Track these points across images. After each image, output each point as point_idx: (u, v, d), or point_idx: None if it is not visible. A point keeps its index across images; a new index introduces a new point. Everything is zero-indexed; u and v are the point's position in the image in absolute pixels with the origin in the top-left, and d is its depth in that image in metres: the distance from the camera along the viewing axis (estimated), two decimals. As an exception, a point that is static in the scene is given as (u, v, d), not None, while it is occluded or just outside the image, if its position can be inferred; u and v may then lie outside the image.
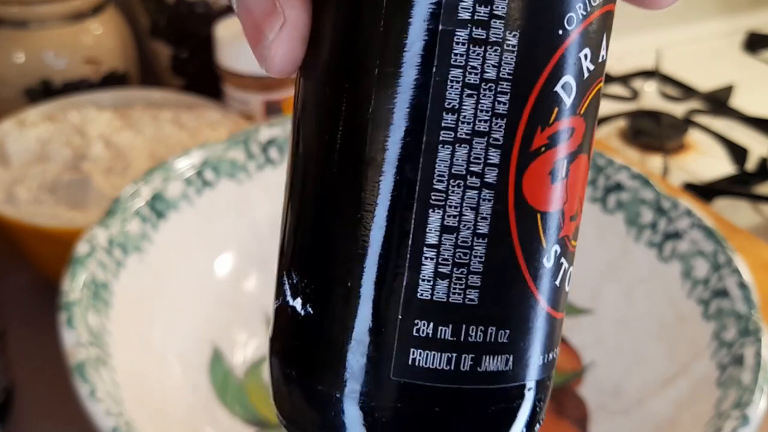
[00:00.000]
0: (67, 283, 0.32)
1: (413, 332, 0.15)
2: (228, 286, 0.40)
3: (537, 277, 0.15)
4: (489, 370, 0.15)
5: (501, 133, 0.14)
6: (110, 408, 0.27)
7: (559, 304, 0.16)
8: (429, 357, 0.15)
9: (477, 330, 0.15)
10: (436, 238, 0.14)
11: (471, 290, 0.15)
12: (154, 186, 0.37)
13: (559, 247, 0.15)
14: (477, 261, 0.14)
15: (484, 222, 0.14)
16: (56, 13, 0.50)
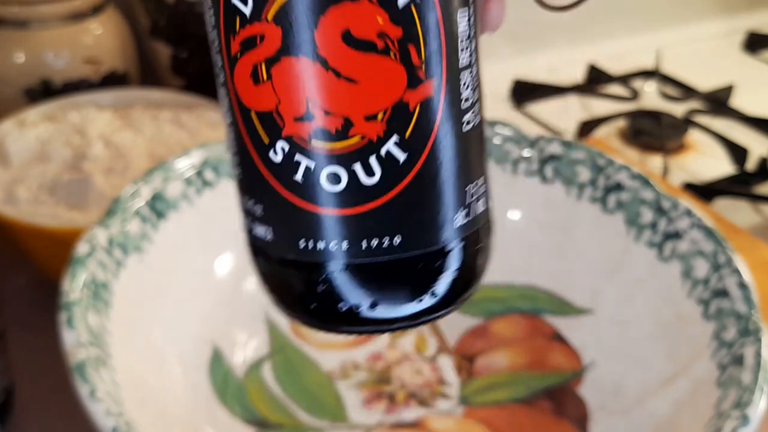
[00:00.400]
0: (67, 283, 0.32)
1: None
2: (228, 286, 0.40)
3: (270, 168, 0.16)
4: (258, 235, 0.18)
5: (217, 41, 0.16)
6: (110, 408, 0.27)
7: (311, 197, 0.16)
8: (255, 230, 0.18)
9: (247, 201, 0.18)
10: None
11: (236, 168, 0.18)
12: (154, 186, 0.37)
13: (287, 144, 0.16)
14: (234, 144, 0.17)
15: (229, 113, 0.17)
16: (56, 13, 0.50)
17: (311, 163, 0.16)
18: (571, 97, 0.74)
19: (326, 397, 0.38)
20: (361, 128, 0.15)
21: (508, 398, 0.38)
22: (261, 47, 0.15)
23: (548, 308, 0.42)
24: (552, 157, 0.42)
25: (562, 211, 0.42)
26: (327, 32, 0.15)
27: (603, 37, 0.83)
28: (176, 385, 0.35)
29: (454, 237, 0.17)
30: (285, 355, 0.40)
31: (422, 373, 0.40)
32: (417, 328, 0.42)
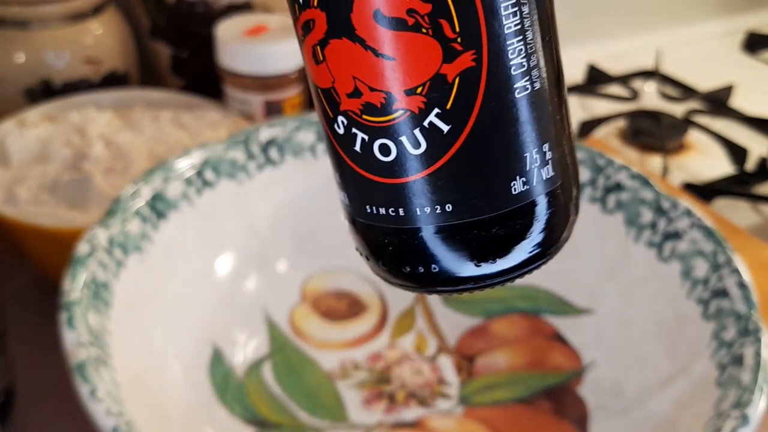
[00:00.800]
0: (67, 282, 0.32)
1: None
2: (228, 286, 0.40)
3: (337, 139, 0.18)
4: (341, 199, 0.19)
5: (294, 28, 0.18)
6: (111, 408, 0.27)
7: (368, 166, 0.17)
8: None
9: (333, 169, 0.19)
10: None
11: (324, 140, 0.19)
12: (154, 186, 0.37)
13: (346, 119, 0.17)
14: (318, 116, 0.19)
15: (312, 89, 0.18)
16: (56, 13, 0.50)
17: (365, 135, 0.17)
18: (570, 97, 0.75)
19: (326, 397, 0.38)
20: (403, 102, 0.16)
21: (508, 398, 0.38)
22: (314, 31, 0.17)
23: (548, 308, 0.42)
24: None
25: None
26: (361, 13, 0.16)
27: (603, 37, 0.83)
28: (176, 385, 0.35)
29: (511, 205, 0.17)
30: (285, 355, 0.40)
31: (422, 373, 0.40)
32: (417, 329, 0.42)
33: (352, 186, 0.18)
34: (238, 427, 0.36)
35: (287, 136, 0.42)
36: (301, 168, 0.43)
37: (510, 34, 0.16)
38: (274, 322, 0.41)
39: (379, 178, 0.17)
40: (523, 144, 0.17)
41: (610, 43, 0.83)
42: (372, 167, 0.17)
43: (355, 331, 0.42)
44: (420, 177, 0.17)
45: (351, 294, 0.43)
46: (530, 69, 0.17)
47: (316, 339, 0.41)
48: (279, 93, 0.50)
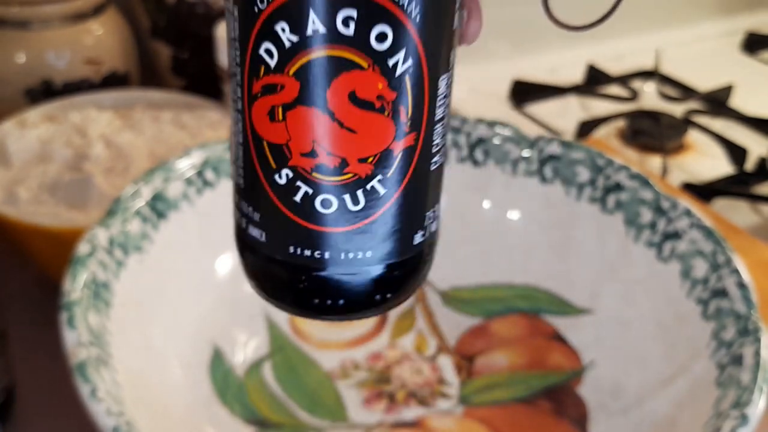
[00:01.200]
0: (68, 282, 0.32)
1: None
2: (228, 286, 0.40)
3: (273, 188, 0.20)
4: (251, 235, 0.21)
5: (240, 77, 0.19)
6: (111, 407, 0.27)
7: (305, 215, 0.20)
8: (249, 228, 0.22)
9: (246, 206, 0.21)
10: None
11: (239, 178, 0.21)
12: (154, 186, 0.37)
13: (292, 172, 0.19)
14: (241, 159, 0.20)
15: (241, 135, 0.20)
16: (57, 13, 0.50)
17: (310, 189, 0.19)
18: (570, 98, 0.74)
19: (326, 397, 0.38)
20: (354, 167, 0.19)
21: (508, 398, 0.38)
22: (280, 94, 0.19)
23: (548, 308, 0.42)
24: (551, 157, 0.42)
25: (562, 211, 0.42)
26: (337, 91, 0.18)
27: (602, 37, 0.83)
28: (177, 385, 0.35)
29: (413, 252, 0.21)
30: (285, 354, 0.40)
31: (422, 372, 0.40)
32: (417, 329, 0.42)
33: (278, 229, 0.20)
34: (239, 426, 0.36)
35: None
36: None
37: (438, 122, 0.20)
38: (274, 322, 0.41)
39: (313, 226, 0.20)
40: (427, 205, 0.21)
41: (610, 44, 0.83)
42: (308, 216, 0.20)
43: (355, 331, 0.42)
44: (351, 228, 0.20)
45: None
46: (441, 147, 0.21)
47: (316, 339, 0.41)
48: (279, 93, 0.50)
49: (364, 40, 0.18)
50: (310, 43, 0.18)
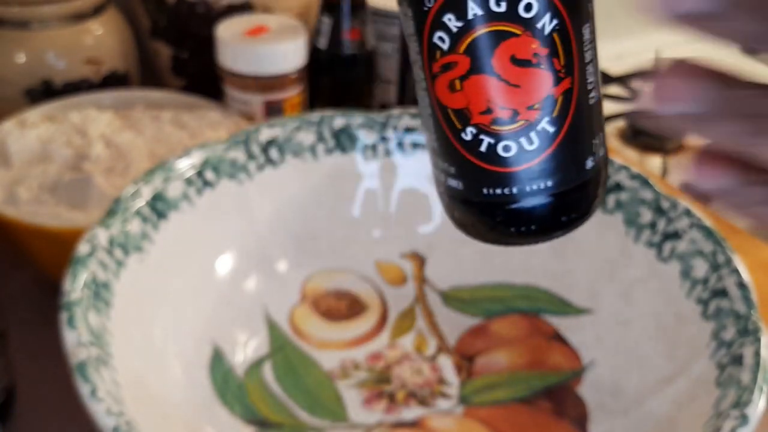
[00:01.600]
0: (68, 283, 0.32)
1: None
2: (228, 286, 0.40)
3: (462, 143, 0.24)
4: (451, 185, 0.25)
5: (419, 63, 0.24)
6: (111, 407, 0.27)
7: (491, 161, 0.23)
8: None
9: (443, 163, 0.25)
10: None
11: (434, 143, 0.25)
12: (154, 186, 0.37)
13: (475, 129, 0.23)
14: (432, 127, 0.25)
15: (429, 108, 0.24)
16: (57, 13, 0.50)
17: (492, 140, 0.23)
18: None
19: (326, 397, 0.38)
20: (524, 115, 0.23)
21: (508, 398, 0.38)
22: (455, 69, 0.23)
23: (548, 308, 0.42)
24: None
25: None
26: (500, 57, 0.22)
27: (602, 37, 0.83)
28: (177, 385, 0.35)
29: (587, 175, 0.24)
30: (285, 354, 0.40)
31: (422, 372, 0.40)
32: (417, 328, 0.42)
33: (471, 176, 0.24)
34: (239, 426, 0.36)
35: (287, 136, 0.42)
36: (301, 168, 0.43)
37: (588, 64, 0.24)
38: (274, 321, 0.41)
39: (499, 168, 0.24)
40: (592, 134, 0.25)
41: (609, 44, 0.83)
42: (494, 161, 0.24)
43: (355, 330, 0.42)
44: (531, 165, 0.24)
45: (351, 294, 0.43)
46: (595, 84, 0.25)
47: (316, 339, 0.41)
48: (279, 93, 0.50)
49: (515, 13, 0.22)
50: (473, 25, 0.22)
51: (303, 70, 0.51)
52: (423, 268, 0.44)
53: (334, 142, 0.43)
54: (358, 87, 0.54)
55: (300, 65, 0.51)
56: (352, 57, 0.52)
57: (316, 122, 0.43)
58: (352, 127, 0.43)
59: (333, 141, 0.43)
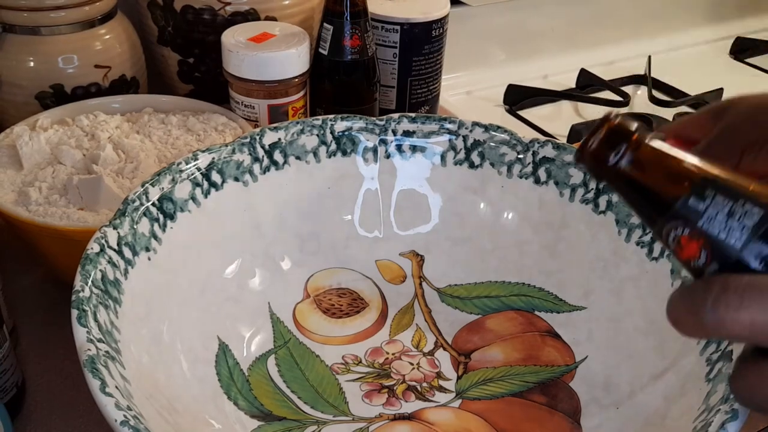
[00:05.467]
0: (78, 281, 0.32)
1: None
2: (233, 283, 0.41)
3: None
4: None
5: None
6: (120, 402, 0.28)
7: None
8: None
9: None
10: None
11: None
12: (162, 187, 0.38)
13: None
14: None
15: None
16: (67, 19, 0.51)
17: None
18: (563, 102, 0.76)
19: (328, 391, 0.39)
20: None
21: (503, 392, 0.39)
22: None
23: (542, 305, 0.43)
24: (545, 159, 0.43)
25: (555, 211, 0.43)
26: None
27: (595, 44, 0.84)
28: (183, 380, 0.36)
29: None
30: (288, 350, 0.41)
31: (421, 367, 0.41)
32: (416, 325, 0.43)
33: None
34: (244, 420, 0.37)
35: (290, 139, 0.43)
36: (305, 170, 0.44)
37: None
38: (278, 318, 0.42)
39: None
40: None
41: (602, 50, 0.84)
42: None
43: (356, 327, 0.43)
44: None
45: (352, 291, 0.44)
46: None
47: (318, 334, 0.42)
48: (283, 98, 0.51)
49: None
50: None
51: (306, 76, 0.52)
52: (422, 266, 0.45)
53: (336, 145, 0.44)
54: (358, 91, 0.54)
55: (303, 71, 0.51)
56: (353, 63, 0.53)
57: (319, 126, 0.44)
58: (353, 130, 0.44)
59: (335, 144, 0.44)
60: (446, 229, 0.45)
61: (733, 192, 0.25)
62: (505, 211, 0.44)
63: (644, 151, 0.27)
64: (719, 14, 0.93)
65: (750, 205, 0.25)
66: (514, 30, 0.78)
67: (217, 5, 0.54)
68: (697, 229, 0.25)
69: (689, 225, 0.26)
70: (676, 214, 0.26)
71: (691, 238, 0.26)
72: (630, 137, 0.27)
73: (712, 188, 0.25)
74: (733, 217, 0.25)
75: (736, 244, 0.25)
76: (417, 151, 0.45)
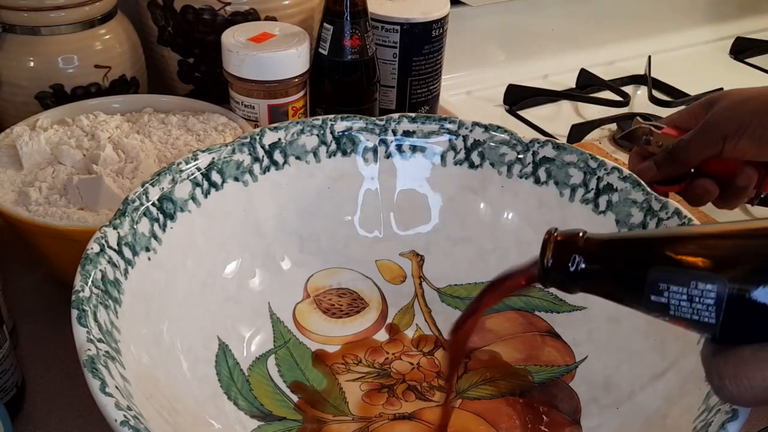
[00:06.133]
0: (78, 281, 0.32)
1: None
2: (234, 283, 0.41)
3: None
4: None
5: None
6: (119, 401, 0.28)
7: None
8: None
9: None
10: None
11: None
12: (162, 187, 0.38)
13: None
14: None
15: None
16: (67, 19, 0.51)
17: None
18: (563, 102, 0.76)
19: (329, 391, 0.39)
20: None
21: (503, 392, 0.39)
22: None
23: (542, 305, 0.43)
24: (545, 159, 0.43)
25: (555, 211, 0.43)
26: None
27: (595, 43, 0.84)
28: (184, 380, 0.36)
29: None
30: (288, 350, 0.41)
31: (421, 367, 0.41)
32: (416, 325, 0.43)
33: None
34: (243, 419, 0.37)
35: (290, 139, 0.43)
36: (305, 170, 0.44)
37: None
38: (278, 318, 0.42)
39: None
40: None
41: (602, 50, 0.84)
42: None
43: (356, 327, 0.43)
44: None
45: (352, 291, 0.44)
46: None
47: (318, 334, 0.42)
48: (283, 98, 0.51)
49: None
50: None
51: (306, 76, 0.52)
52: (422, 266, 0.45)
53: (336, 145, 0.44)
54: (358, 91, 0.55)
55: (303, 71, 0.51)
56: (353, 63, 0.53)
57: (319, 126, 0.44)
58: (353, 130, 0.44)
59: (335, 144, 0.44)
60: (446, 229, 0.45)
61: (684, 277, 0.25)
62: (505, 211, 0.44)
63: (595, 243, 0.28)
64: (719, 14, 0.93)
65: (703, 285, 0.25)
66: (514, 30, 0.78)
67: (217, 5, 0.54)
68: (671, 317, 0.26)
69: (664, 314, 0.26)
70: (647, 308, 0.26)
71: (673, 321, 0.26)
72: (576, 238, 0.28)
73: (664, 281, 0.25)
74: (695, 301, 0.25)
75: (712, 321, 0.25)
76: (417, 151, 0.45)
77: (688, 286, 0.25)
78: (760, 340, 0.25)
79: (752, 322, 0.25)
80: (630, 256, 0.27)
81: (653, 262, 0.26)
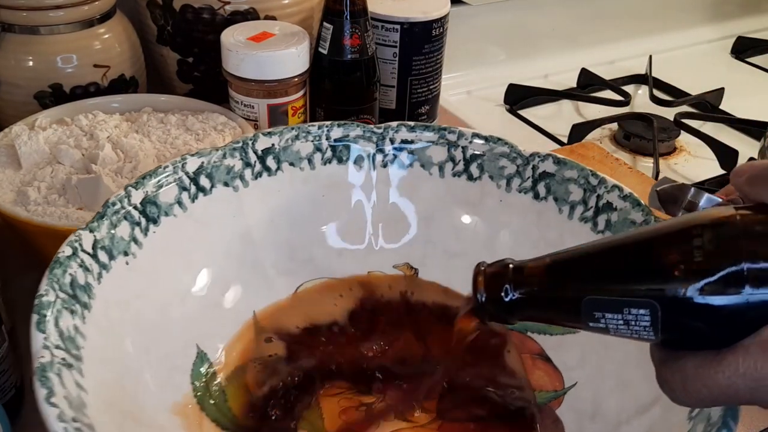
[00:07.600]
0: (44, 285, 0.31)
1: None
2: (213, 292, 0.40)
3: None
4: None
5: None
6: (64, 412, 0.27)
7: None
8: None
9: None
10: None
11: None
12: (146, 191, 0.37)
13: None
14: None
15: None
16: (66, 19, 0.51)
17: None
18: (564, 102, 0.75)
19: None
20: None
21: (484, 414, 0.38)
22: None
23: (534, 326, 0.41)
24: (545, 174, 0.41)
25: (554, 229, 0.41)
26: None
27: (596, 43, 0.83)
28: (155, 390, 0.35)
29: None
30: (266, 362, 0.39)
31: (401, 385, 0.39)
32: (405, 339, 0.41)
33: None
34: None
35: (284, 145, 0.42)
36: (298, 177, 0.43)
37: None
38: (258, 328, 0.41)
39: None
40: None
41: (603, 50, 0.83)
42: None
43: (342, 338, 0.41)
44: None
45: (342, 303, 0.43)
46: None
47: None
48: (283, 97, 0.51)
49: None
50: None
51: (306, 75, 0.52)
52: (415, 279, 0.44)
53: (331, 152, 0.43)
54: (358, 91, 0.54)
55: (303, 70, 0.51)
56: (353, 62, 0.53)
57: (314, 132, 0.43)
58: (350, 138, 0.43)
59: (330, 151, 0.43)
60: (441, 242, 0.44)
61: (616, 305, 0.25)
62: (503, 225, 0.43)
63: (526, 271, 0.28)
64: (720, 13, 0.92)
65: (636, 310, 0.25)
66: (514, 29, 0.78)
67: (216, 4, 0.54)
68: (614, 336, 0.26)
69: (606, 334, 0.26)
70: (589, 330, 0.26)
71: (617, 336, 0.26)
72: (506, 270, 0.28)
73: (599, 310, 0.26)
74: (631, 324, 0.25)
75: (652, 338, 0.25)
76: (414, 161, 0.43)
77: (621, 312, 0.25)
78: (701, 344, 0.25)
79: (691, 333, 0.25)
80: (562, 285, 0.27)
81: (585, 292, 0.26)
